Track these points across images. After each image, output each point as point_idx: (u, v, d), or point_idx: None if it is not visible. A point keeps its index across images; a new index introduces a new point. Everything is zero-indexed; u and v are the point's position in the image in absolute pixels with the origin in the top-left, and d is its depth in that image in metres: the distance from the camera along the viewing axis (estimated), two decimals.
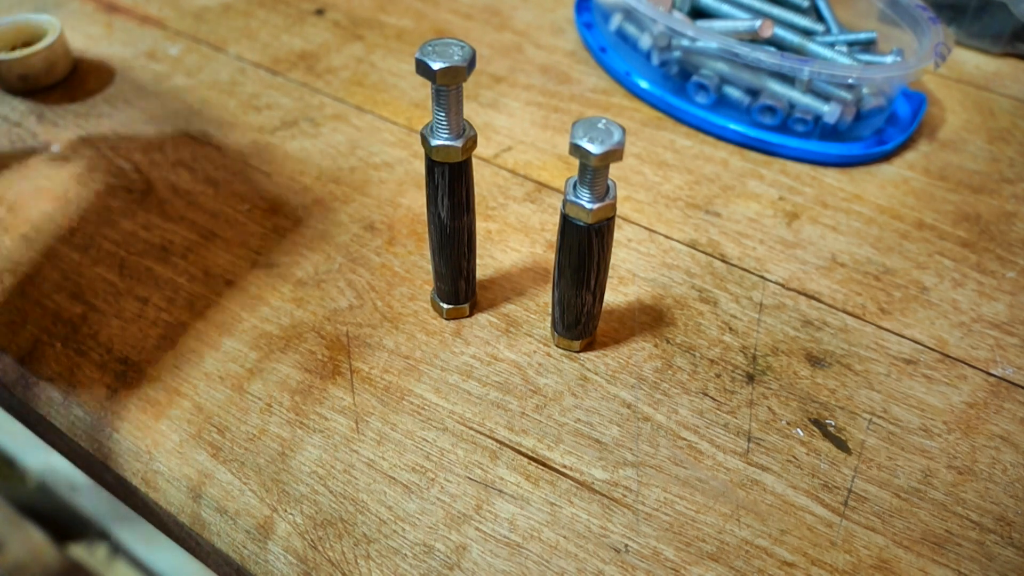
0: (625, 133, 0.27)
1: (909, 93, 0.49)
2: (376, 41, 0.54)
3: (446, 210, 0.30)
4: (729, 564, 0.27)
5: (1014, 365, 0.34)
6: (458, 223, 0.31)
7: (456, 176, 0.30)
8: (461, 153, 0.29)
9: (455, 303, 0.34)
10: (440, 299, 0.35)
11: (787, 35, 0.46)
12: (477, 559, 0.27)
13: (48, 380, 0.33)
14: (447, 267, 0.33)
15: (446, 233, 0.31)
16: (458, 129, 0.29)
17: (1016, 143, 0.48)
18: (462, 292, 0.34)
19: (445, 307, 0.35)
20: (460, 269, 0.33)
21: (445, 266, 0.32)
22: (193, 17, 0.56)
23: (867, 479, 0.30)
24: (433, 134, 0.29)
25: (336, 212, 0.40)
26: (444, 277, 0.33)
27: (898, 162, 0.46)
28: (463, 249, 0.32)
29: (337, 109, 0.47)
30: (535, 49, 0.54)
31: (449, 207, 0.30)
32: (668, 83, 0.48)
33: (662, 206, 0.42)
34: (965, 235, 0.41)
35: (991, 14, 0.54)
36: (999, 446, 0.31)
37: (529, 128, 0.47)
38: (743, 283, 0.38)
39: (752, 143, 0.46)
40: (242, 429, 0.31)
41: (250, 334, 0.34)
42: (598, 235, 0.29)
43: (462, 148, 0.29)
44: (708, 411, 0.32)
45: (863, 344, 0.35)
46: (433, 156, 0.29)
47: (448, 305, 0.34)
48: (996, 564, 0.28)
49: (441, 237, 0.31)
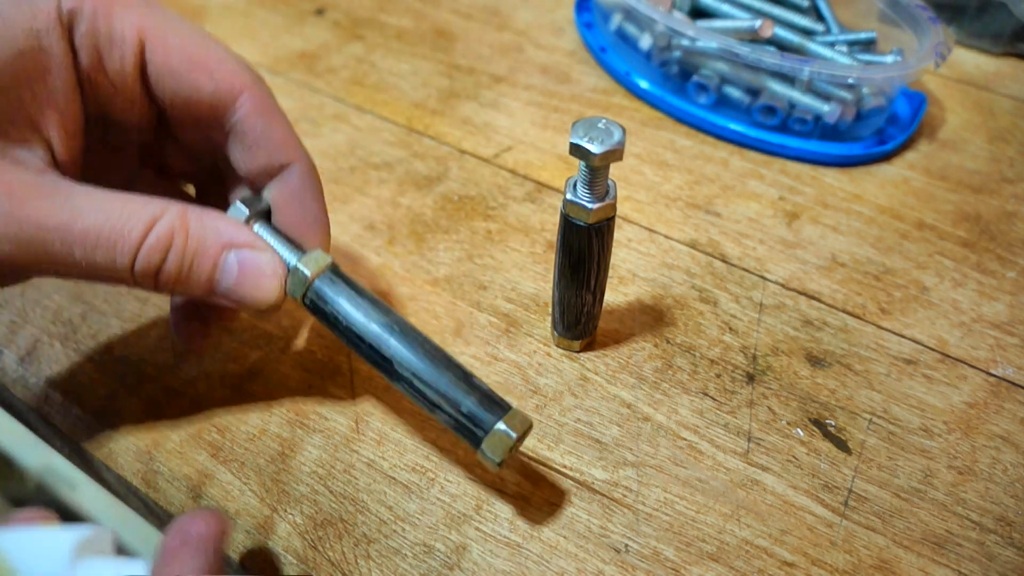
0: (625, 133, 0.27)
1: (909, 93, 0.49)
2: (376, 41, 0.54)
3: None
4: (729, 564, 0.27)
5: (1014, 365, 0.34)
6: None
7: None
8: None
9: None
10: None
11: (787, 35, 0.46)
12: (477, 559, 0.27)
13: (48, 380, 0.33)
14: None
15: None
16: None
17: (1016, 143, 0.48)
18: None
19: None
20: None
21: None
22: (193, 17, 0.56)
23: (867, 479, 0.30)
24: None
25: (336, 212, 0.40)
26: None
27: (898, 162, 0.46)
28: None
29: (337, 109, 0.47)
30: (535, 49, 0.54)
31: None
32: (668, 83, 0.48)
33: (662, 206, 0.42)
34: (965, 235, 0.41)
35: (991, 14, 0.54)
36: (999, 446, 0.31)
37: (529, 128, 0.47)
38: (743, 283, 0.37)
39: (752, 143, 0.46)
40: (242, 429, 0.31)
41: (250, 333, 0.34)
42: (598, 235, 0.29)
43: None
44: (708, 411, 0.32)
45: (863, 344, 0.35)
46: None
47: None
48: (996, 564, 0.28)
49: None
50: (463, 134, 0.46)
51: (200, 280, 0.25)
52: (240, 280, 0.25)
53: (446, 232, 0.40)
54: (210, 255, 0.25)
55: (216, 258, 0.25)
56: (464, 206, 0.41)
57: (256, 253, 0.26)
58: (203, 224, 0.25)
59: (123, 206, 0.23)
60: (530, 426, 0.25)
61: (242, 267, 0.25)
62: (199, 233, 0.24)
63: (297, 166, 0.28)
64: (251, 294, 0.26)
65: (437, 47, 0.54)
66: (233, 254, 0.25)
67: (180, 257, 0.24)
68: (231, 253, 0.25)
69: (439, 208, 0.41)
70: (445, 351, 0.26)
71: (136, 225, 0.23)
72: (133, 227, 0.23)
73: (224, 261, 0.25)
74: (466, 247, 0.39)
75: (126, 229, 0.23)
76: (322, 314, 0.26)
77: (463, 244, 0.39)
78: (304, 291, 0.26)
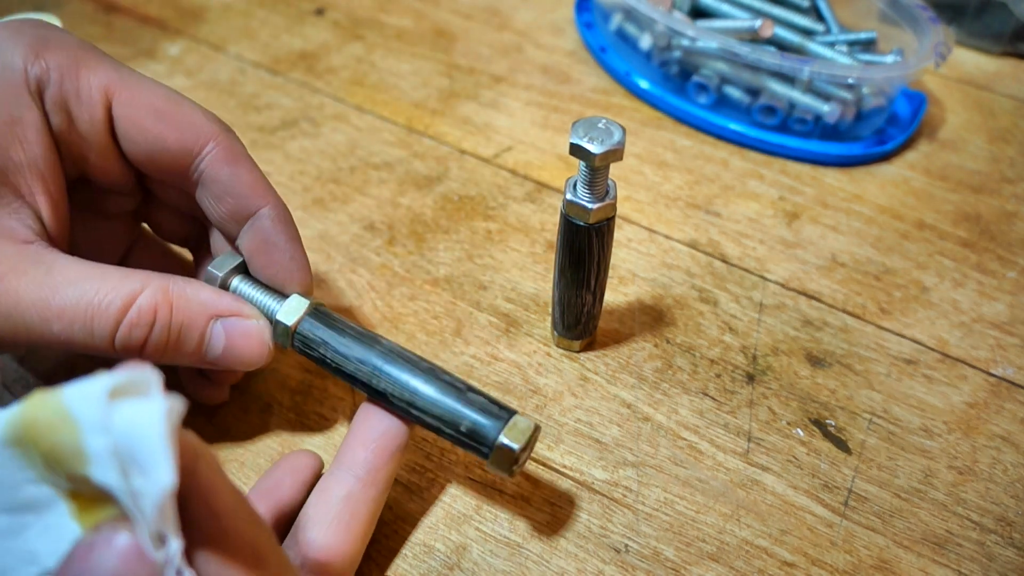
0: (625, 133, 0.27)
1: (909, 93, 0.49)
2: (376, 41, 0.54)
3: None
4: (729, 564, 0.27)
5: (1014, 365, 0.34)
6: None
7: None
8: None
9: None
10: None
11: (787, 35, 0.46)
12: (477, 559, 0.27)
13: (48, 380, 0.33)
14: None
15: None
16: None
17: (1016, 143, 0.48)
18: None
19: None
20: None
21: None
22: (193, 17, 0.56)
23: (867, 479, 0.30)
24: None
25: (336, 212, 0.40)
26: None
27: (898, 162, 0.46)
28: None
29: (337, 109, 0.47)
30: (535, 49, 0.54)
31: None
32: (668, 83, 0.48)
33: (662, 206, 0.42)
34: (965, 235, 0.41)
35: (991, 14, 0.54)
36: (1000, 446, 0.31)
37: (529, 128, 0.47)
38: (743, 283, 0.37)
39: (752, 143, 0.46)
40: (242, 429, 0.31)
41: None
42: (598, 235, 0.29)
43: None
44: (708, 411, 0.32)
45: (863, 344, 0.35)
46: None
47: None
48: (997, 564, 0.28)
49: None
50: (463, 134, 0.46)
51: (188, 351, 0.25)
52: (228, 348, 0.26)
53: (446, 232, 0.40)
54: (197, 327, 0.25)
55: (203, 330, 0.25)
56: (464, 206, 0.41)
57: (240, 320, 0.26)
58: (187, 296, 0.25)
59: (102, 281, 0.24)
60: (536, 430, 0.25)
61: (229, 335, 0.26)
62: (184, 306, 0.25)
63: (266, 210, 0.28)
64: (240, 359, 0.26)
65: (437, 47, 0.54)
66: (219, 324, 0.26)
67: (166, 331, 0.24)
68: (217, 324, 0.26)
69: (439, 208, 0.41)
70: (439, 369, 0.26)
71: (115, 300, 0.23)
72: (111, 302, 0.23)
73: (211, 332, 0.25)
74: (466, 247, 0.39)
75: (103, 304, 0.23)
76: (311, 358, 0.27)
77: (463, 244, 0.39)
78: (290, 341, 0.27)
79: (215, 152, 0.27)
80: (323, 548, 0.24)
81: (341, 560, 0.24)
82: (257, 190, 0.27)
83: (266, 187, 0.28)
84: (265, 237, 0.28)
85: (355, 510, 0.24)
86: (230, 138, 0.27)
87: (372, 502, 0.25)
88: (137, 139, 0.26)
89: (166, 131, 0.26)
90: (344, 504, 0.24)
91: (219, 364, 0.26)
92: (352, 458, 0.25)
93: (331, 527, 0.24)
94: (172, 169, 0.27)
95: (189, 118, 0.27)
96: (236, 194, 0.27)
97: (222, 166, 0.27)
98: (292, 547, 0.24)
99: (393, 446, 0.25)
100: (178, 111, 0.27)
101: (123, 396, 0.15)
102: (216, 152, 0.27)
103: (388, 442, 0.25)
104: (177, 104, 0.27)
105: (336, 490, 0.25)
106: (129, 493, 0.15)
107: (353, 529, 0.24)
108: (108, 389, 0.15)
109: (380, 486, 0.25)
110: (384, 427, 0.26)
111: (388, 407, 0.26)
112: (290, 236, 0.28)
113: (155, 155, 0.26)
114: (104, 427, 0.14)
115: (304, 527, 0.24)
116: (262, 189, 0.28)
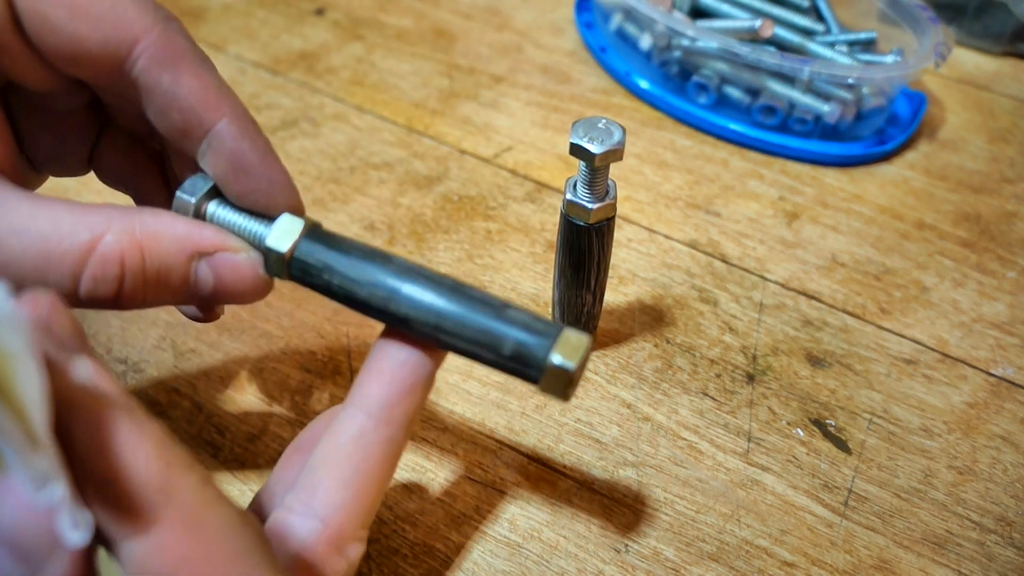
0: (625, 133, 0.27)
1: (909, 93, 0.49)
2: (376, 41, 0.54)
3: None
4: (729, 564, 0.27)
5: (1014, 365, 0.34)
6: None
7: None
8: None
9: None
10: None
11: (787, 35, 0.46)
12: (477, 559, 0.27)
13: None
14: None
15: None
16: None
17: (1016, 143, 0.48)
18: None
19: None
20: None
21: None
22: (193, 16, 0.56)
23: (867, 479, 0.30)
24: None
25: (336, 212, 0.40)
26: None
27: (898, 162, 0.46)
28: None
29: (337, 109, 0.47)
30: (535, 49, 0.54)
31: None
32: (668, 83, 0.48)
33: (662, 206, 0.42)
34: (965, 235, 0.41)
35: (991, 14, 0.54)
36: (1000, 446, 0.31)
37: (529, 128, 0.47)
38: (743, 283, 0.37)
39: (752, 143, 0.46)
40: (242, 429, 0.31)
41: (250, 334, 0.34)
42: (598, 235, 0.29)
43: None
44: (708, 411, 0.32)
45: (863, 344, 0.35)
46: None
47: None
48: (997, 564, 0.28)
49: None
50: (463, 134, 0.46)
51: (170, 295, 0.22)
52: (219, 287, 0.22)
53: (446, 232, 0.40)
54: (176, 270, 0.21)
55: (183, 271, 0.21)
56: (464, 206, 0.41)
57: (227, 255, 0.22)
58: (157, 236, 0.21)
59: (52, 223, 0.19)
60: (589, 344, 0.21)
61: (218, 274, 0.22)
62: (156, 248, 0.21)
63: (223, 124, 0.22)
64: (234, 296, 0.23)
65: (437, 47, 0.54)
66: (204, 263, 0.22)
67: (139, 280, 0.21)
68: (201, 263, 0.22)
69: (439, 208, 0.41)
70: (467, 286, 0.22)
71: (70, 249, 0.19)
72: (66, 251, 0.19)
73: (195, 272, 0.22)
74: (466, 247, 0.39)
75: (56, 254, 0.19)
76: (314, 287, 0.23)
77: (463, 244, 0.39)
78: (286, 269, 0.23)
79: (148, 53, 0.21)
80: (329, 493, 0.21)
81: (351, 508, 0.21)
82: (206, 99, 0.22)
83: (218, 94, 0.22)
84: (230, 159, 0.23)
85: (367, 451, 0.21)
86: (168, 32, 0.22)
87: (387, 443, 0.21)
88: (49, 40, 0.21)
89: (82, 29, 0.21)
90: (354, 444, 0.21)
91: (210, 302, 0.23)
92: (364, 393, 0.21)
93: (338, 470, 0.21)
94: (102, 74, 0.22)
95: (111, 11, 0.21)
96: (180, 107, 0.22)
97: (160, 71, 0.21)
98: (297, 493, 0.21)
99: (412, 379, 0.21)
100: (95, 2, 0.21)
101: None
102: (150, 54, 0.21)
103: (406, 374, 0.21)
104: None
105: (345, 428, 0.21)
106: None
107: (364, 472, 0.21)
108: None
109: (396, 425, 0.21)
110: (402, 358, 0.22)
111: (413, 336, 0.22)
112: (260, 152, 0.23)
113: (76, 59, 0.21)
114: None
115: (309, 470, 0.21)
116: (213, 97, 0.22)
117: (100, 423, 0.16)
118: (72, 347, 0.17)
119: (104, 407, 0.16)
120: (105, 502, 0.15)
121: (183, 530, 0.16)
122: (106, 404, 0.16)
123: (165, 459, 0.16)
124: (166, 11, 0.22)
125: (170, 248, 0.21)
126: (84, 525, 0.14)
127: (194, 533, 0.16)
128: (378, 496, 0.22)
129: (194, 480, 0.17)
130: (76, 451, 0.15)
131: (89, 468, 0.15)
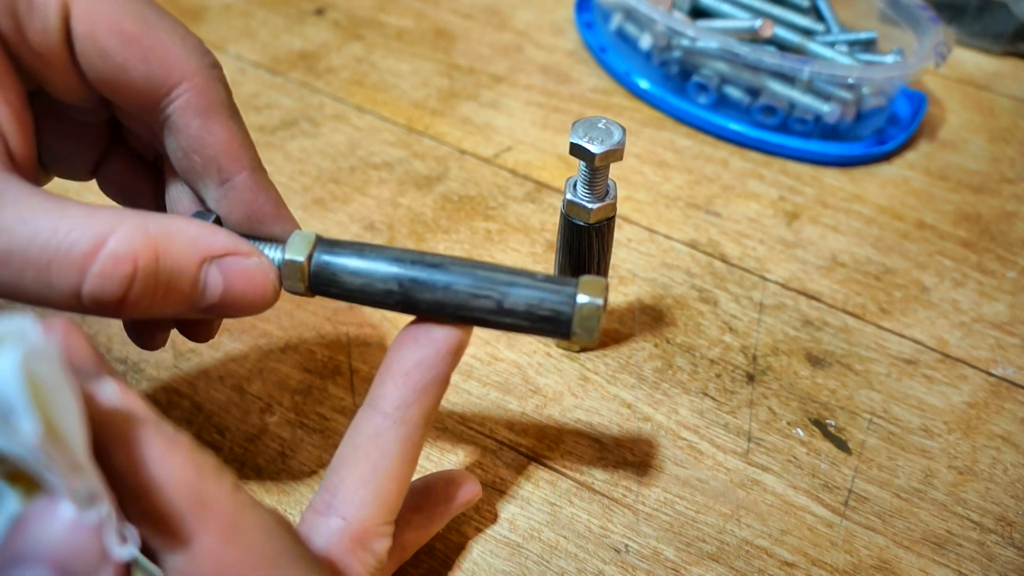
0: (625, 133, 0.27)
1: (909, 93, 0.49)
2: (376, 41, 0.54)
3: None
4: (729, 564, 0.27)
5: (1014, 365, 0.34)
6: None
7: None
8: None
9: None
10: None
11: (787, 35, 0.46)
12: (477, 559, 0.27)
13: None
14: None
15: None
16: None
17: (1016, 143, 0.48)
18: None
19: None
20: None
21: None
22: (193, 17, 0.56)
23: (867, 479, 0.30)
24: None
25: (336, 212, 0.40)
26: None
27: (898, 162, 0.46)
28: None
29: (337, 109, 0.47)
30: (535, 49, 0.54)
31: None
32: (668, 83, 0.48)
33: (662, 206, 0.42)
34: (965, 235, 0.41)
35: (991, 14, 0.54)
36: (1000, 446, 0.31)
37: (529, 128, 0.47)
38: (743, 283, 0.37)
39: (752, 143, 0.46)
40: (242, 429, 0.31)
41: (250, 334, 0.34)
42: (598, 235, 0.29)
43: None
44: (708, 411, 0.32)
45: (863, 344, 0.35)
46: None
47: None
48: (997, 564, 0.28)
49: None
50: (463, 134, 0.46)
51: (175, 302, 0.21)
52: (227, 293, 0.22)
53: (446, 232, 0.40)
54: (187, 273, 0.21)
55: (194, 275, 0.21)
56: (464, 206, 0.41)
57: (238, 259, 0.22)
58: (172, 236, 0.20)
59: (60, 218, 0.19)
60: (607, 284, 0.23)
61: (228, 279, 0.22)
62: (169, 249, 0.20)
63: (242, 178, 0.23)
64: (242, 305, 0.22)
65: (437, 47, 0.54)
66: (214, 266, 0.21)
67: (151, 282, 0.20)
68: (211, 266, 0.21)
69: (439, 208, 0.41)
70: (482, 263, 0.23)
71: (78, 242, 0.19)
72: (73, 244, 0.19)
73: (205, 277, 0.21)
74: (466, 247, 0.39)
75: (64, 246, 0.19)
76: (335, 295, 0.23)
77: (463, 244, 0.39)
78: (306, 282, 0.23)
79: (186, 97, 0.22)
80: (349, 492, 0.22)
81: (371, 505, 0.22)
82: (230, 151, 0.23)
83: (241, 148, 0.23)
84: (247, 209, 0.23)
85: (383, 450, 0.22)
86: (208, 80, 0.23)
87: (403, 441, 0.22)
88: (97, 64, 0.21)
89: (131, 60, 0.21)
90: (371, 444, 0.22)
91: (212, 312, 0.22)
92: (380, 394, 0.22)
93: (356, 470, 0.22)
94: (138, 104, 0.22)
95: (161, 47, 0.22)
96: (205, 154, 0.23)
97: (192, 116, 0.22)
98: (320, 493, 0.22)
99: (425, 379, 0.22)
100: (148, 36, 0.21)
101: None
102: (187, 97, 0.22)
103: (420, 375, 0.22)
104: (148, 27, 0.22)
105: (362, 429, 0.22)
106: (39, 459, 0.14)
107: (382, 470, 0.22)
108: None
109: (412, 423, 0.22)
110: (416, 358, 0.22)
111: (444, 320, 0.22)
112: (274, 204, 0.24)
113: (117, 86, 0.22)
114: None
115: (330, 471, 0.22)
116: (236, 150, 0.23)
117: (133, 441, 0.16)
118: (93, 370, 0.17)
119: (134, 426, 0.16)
120: (145, 516, 0.16)
121: (222, 537, 0.17)
122: (136, 423, 0.16)
123: (197, 469, 0.17)
124: (212, 58, 0.23)
125: (183, 249, 0.20)
126: (130, 539, 0.15)
127: (233, 539, 0.17)
128: (399, 492, 0.22)
129: (227, 486, 0.17)
130: (113, 470, 0.16)
131: (127, 485, 0.16)
